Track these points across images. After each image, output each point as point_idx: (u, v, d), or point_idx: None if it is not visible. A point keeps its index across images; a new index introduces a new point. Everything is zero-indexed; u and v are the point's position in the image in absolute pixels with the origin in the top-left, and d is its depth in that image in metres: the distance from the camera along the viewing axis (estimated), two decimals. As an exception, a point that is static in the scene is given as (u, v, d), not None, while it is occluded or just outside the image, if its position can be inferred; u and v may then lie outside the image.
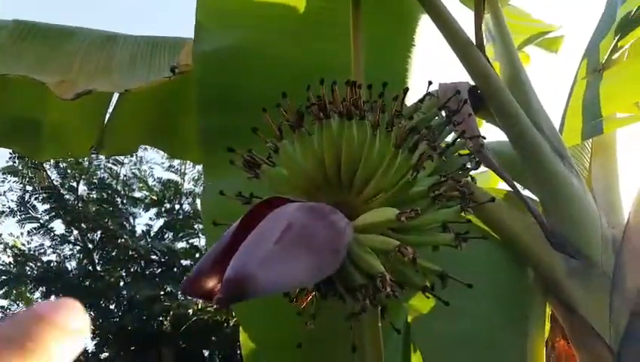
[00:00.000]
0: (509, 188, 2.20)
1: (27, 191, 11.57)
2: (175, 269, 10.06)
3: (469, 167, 1.43)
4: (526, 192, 2.26)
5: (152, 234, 10.82)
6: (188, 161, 11.83)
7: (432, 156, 1.26)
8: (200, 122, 2.27)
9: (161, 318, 9.06)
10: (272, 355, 2.00)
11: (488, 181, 3.03)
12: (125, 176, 11.78)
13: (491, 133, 2.41)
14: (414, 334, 1.90)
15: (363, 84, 1.38)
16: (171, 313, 8.56)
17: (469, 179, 1.47)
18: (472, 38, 2.17)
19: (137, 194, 11.73)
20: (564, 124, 2.63)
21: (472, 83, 2.16)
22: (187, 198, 11.46)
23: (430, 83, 1.55)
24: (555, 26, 3.80)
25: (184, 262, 10.24)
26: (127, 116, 2.79)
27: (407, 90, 1.35)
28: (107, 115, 2.82)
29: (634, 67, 2.70)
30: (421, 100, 1.47)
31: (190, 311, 8.66)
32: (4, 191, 11.84)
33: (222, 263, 0.93)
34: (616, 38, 2.83)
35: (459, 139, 1.46)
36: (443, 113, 1.56)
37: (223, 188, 2.15)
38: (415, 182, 1.21)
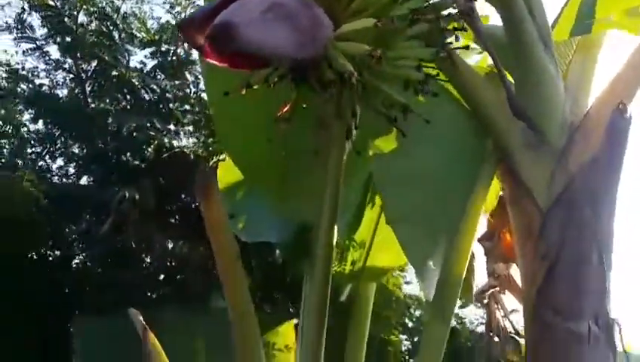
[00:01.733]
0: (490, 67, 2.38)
1: (25, 10, 11.20)
2: (163, 110, 10.20)
3: (454, 15, 1.54)
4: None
5: (144, 72, 10.80)
6: (191, 9, 11.55)
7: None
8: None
9: (143, 147, 9.35)
10: (250, 175, 2.21)
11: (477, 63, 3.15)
12: (125, 12, 11.47)
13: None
14: (374, 171, 2.12)
15: None
16: (155, 142, 8.84)
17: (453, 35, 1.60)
18: None
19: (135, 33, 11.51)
20: (559, 17, 2.72)
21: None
22: (183, 44, 11.28)
23: None
24: None
25: (172, 105, 10.38)
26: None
27: None
28: None
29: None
30: None
31: (175, 142, 9.03)
32: (2, 6, 11.41)
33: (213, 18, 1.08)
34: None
35: None
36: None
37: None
38: (399, 4, 1.34)
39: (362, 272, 2.60)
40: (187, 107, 10.41)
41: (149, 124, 9.56)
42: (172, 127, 10.12)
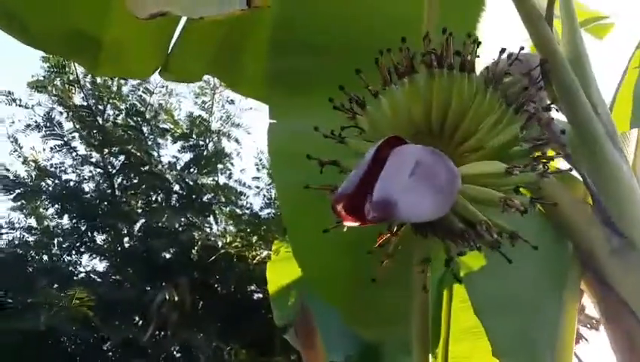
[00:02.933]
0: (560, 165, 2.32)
1: (54, 108, 11.56)
2: (197, 203, 10.26)
3: (544, 137, 1.52)
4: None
5: (177, 168, 10.99)
6: (217, 100, 11.91)
7: (539, 118, 1.35)
8: (270, 61, 2.36)
9: (184, 247, 9.24)
10: (322, 288, 2.14)
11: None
12: (153, 106, 11.79)
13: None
14: (471, 295, 2.03)
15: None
16: (199, 243, 8.76)
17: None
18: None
19: (164, 126, 11.80)
20: (611, 110, 2.69)
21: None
22: (214, 137, 11.55)
23: (504, 49, 1.61)
24: (605, 14, 3.81)
25: (205, 198, 10.44)
26: (195, 43, 2.85)
27: (504, 50, 1.42)
28: (173, 40, 2.89)
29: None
30: (510, 63, 1.55)
31: (220, 243, 8.92)
32: (32, 105, 11.80)
33: (361, 188, 1.09)
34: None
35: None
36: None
37: (286, 127, 2.29)
38: (518, 141, 1.32)
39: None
40: (222, 199, 10.46)
41: (183, 219, 9.60)
42: (211, 221, 10.16)
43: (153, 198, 10.95)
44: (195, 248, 8.84)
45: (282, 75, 2.31)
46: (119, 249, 10.54)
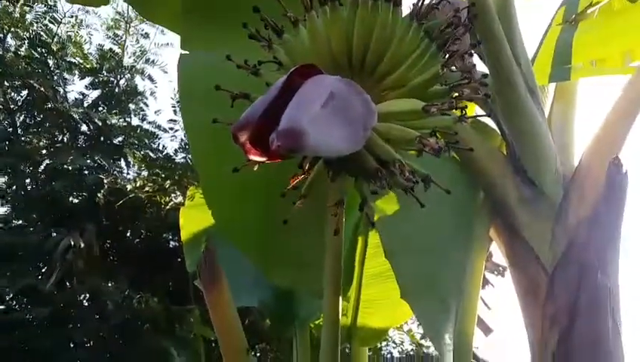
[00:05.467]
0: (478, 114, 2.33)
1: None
2: (106, 144, 9.63)
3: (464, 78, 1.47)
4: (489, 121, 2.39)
5: (84, 105, 10.20)
6: (131, 33, 11.08)
7: (463, 57, 1.29)
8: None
9: (91, 191, 8.68)
10: (235, 232, 2.04)
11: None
12: (60, 37, 10.78)
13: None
14: (384, 240, 2.00)
15: None
16: (106, 186, 8.24)
17: None
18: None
19: (71, 60, 10.84)
20: (533, 63, 2.73)
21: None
22: (126, 73, 10.75)
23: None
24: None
25: (116, 140, 9.82)
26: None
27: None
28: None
29: (601, 25, 2.84)
30: (437, 3, 1.48)
31: (129, 187, 8.45)
32: None
33: (268, 117, 0.98)
34: (596, -6, 2.92)
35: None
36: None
37: (198, 59, 2.12)
38: (438, 80, 1.25)
39: (352, 336, 2.48)
40: (135, 142, 9.85)
41: (90, 162, 8.99)
42: (122, 165, 9.57)
43: (58, 138, 10.13)
44: (103, 192, 8.34)
45: (196, 1, 2.11)
46: (21, 192, 9.79)
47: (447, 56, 1.30)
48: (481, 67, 2.28)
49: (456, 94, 1.31)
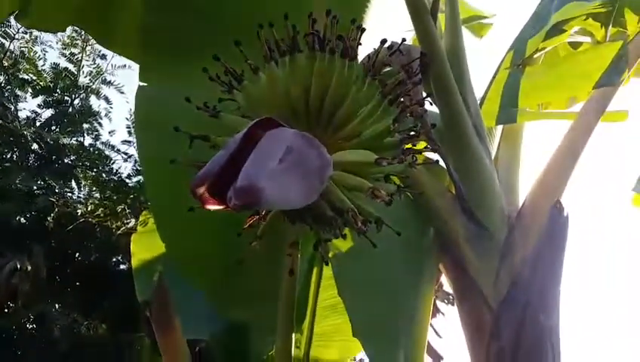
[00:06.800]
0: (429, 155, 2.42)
1: None
2: (57, 164, 9.35)
3: (415, 131, 1.54)
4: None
5: (37, 124, 9.90)
6: (87, 53, 10.89)
7: (412, 111, 1.35)
8: (146, 15, 2.16)
9: (40, 212, 8.38)
10: (189, 268, 2.03)
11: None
12: (13, 53, 10.50)
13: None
14: (337, 277, 2.04)
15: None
16: (56, 209, 7.98)
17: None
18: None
19: (24, 77, 10.55)
20: (481, 105, 2.86)
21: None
22: (81, 93, 10.53)
23: (385, 40, 1.62)
24: (490, 14, 4.04)
25: (67, 160, 9.54)
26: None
27: (385, 41, 1.41)
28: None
29: (547, 70, 3.00)
30: (391, 54, 1.55)
31: (79, 211, 8.21)
32: None
33: (227, 171, 1.00)
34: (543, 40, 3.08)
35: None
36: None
37: (157, 93, 2.12)
38: (391, 133, 1.31)
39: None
40: (87, 163, 9.61)
41: (40, 182, 8.71)
42: (73, 186, 9.29)
43: (7, 156, 9.82)
44: (53, 214, 8.09)
45: (158, 34, 2.13)
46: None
47: (399, 110, 1.36)
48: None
49: (408, 146, 1.37)
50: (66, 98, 10.38)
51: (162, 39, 2.10)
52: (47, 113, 10.29)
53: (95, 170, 9.69)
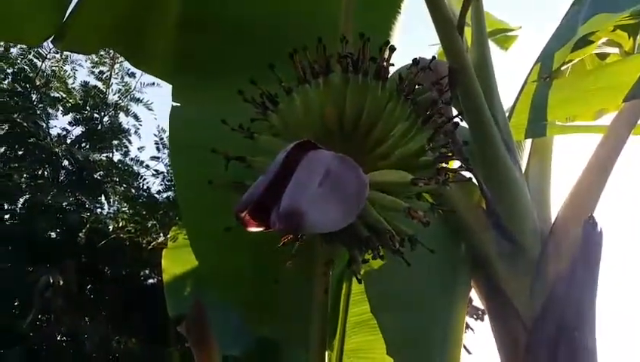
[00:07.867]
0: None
1: None
2: (87, 181, 9.54)
3: (448, 151, 1.55)
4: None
5: (67, 141, 10.14)
6: (116, 71, 11.12)
7: (447, 131, 1.37)
8: (180, 37, 2.23)
9: (72, 228, 8.55)
10: (221, 287, 2.07)
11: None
12: (45, 72, 10.78)
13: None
14: (371, 296, 2.04)
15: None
16: (88, 225, 8.16)
17: None
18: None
19: (55, 95, 10.82)
20: (510, 119, 2.84)
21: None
22: (110, 110, 10.76)
23: (416, 60, 1.63)
24: (515, 27, 4.04)
25: (97, 176, 9.73)
26: (94, 12, 2.62)
27: (417, 62, 1.44)
28: (70, 7, 2.63)
29: (574, 83, 2.98)
30: (422, 73, 1.56)
31: (110, 227, 8.38)
32: None
33: (268, 194, 1.04)
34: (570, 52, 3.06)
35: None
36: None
37: (191, 113, 2.18)
38: (426, 152, 1.33)
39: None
40: (116, 179, 9.80)
41: (72, 198, 8.90)
42: (102, 201, 9.47)
43: (39, 173, 10.05)
44: (84, 230, 8.25)
45: (192, 55, 2.19)
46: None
47: (433, 129, 1.38)
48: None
49: (442, 166, 1.39)
50: (95, 115, 10.62)
51: (196, 61, 2.16)
52: (78, 130, 10.55)
53: (125, 185, 9.87)
